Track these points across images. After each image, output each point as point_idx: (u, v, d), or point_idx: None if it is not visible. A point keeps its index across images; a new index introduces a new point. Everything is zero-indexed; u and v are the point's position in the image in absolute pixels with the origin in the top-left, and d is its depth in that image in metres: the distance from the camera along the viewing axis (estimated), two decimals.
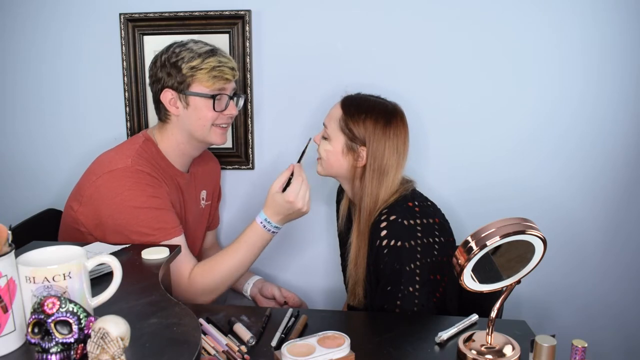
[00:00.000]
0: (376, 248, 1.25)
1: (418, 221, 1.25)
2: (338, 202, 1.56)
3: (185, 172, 1.47)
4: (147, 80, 1.40)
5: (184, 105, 1.34)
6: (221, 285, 1.33)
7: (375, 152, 1.29)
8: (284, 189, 1.32)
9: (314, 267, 1.80)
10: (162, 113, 1.38)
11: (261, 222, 1.34)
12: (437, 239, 1.27)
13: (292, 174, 1.33)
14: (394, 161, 1.30)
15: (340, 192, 1.54)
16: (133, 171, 1.28)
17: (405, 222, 1.24)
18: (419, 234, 1.24)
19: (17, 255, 0.74)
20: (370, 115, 1.30)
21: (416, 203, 1.30)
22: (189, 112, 1.35)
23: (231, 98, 1.39)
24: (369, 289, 1.32)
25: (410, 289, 1.22)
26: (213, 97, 1.34)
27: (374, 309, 1.31)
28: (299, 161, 1.37)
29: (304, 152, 1.39)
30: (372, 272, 1.29)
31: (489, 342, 1.01)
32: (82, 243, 1.19)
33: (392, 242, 1.22)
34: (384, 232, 1.24)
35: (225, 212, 1.80)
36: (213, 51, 1.34)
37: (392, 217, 1.24)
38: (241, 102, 1.47)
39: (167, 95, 1.34)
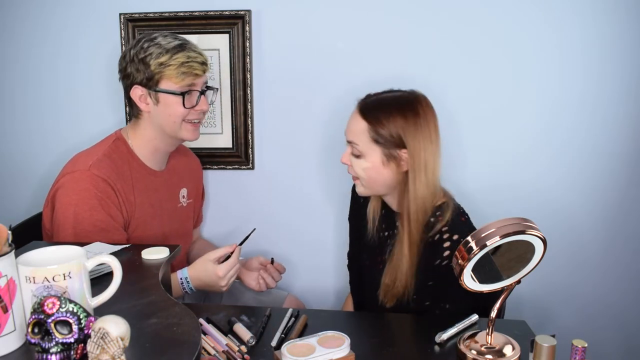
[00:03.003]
0: (433, 266, 1.20)
1: None
2: (355, 204, 1.47)
3: (159, 170, 1.46)
4: (117, 76, 1.38)
5: (154, 101, 1.33)
6: None
7: (414, 150, 1.18)
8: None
9: (314, 267, 1.80)
10: (134, 109, 1.37)
11: (180, 279, 1.34)
12: None
13: (231, 253, 1.33)
14: (432, 152, 1.20)
15: (360, 196, 1.40)
16: (89, 175, 1.27)
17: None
18: None
19: (17, 255, 0.74)
20: (397, 113, 1.19)
21: (466, 217, 1.25)
22: (159, 108, 1.33)
23: (202, 93, 1.37)
24: (413, 298, 1.25)
25: (449, 305, 1.21)
26: (183, 94, 1.32)
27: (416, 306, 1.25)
28: (240, 244, 1.36)
29: (247, 238, 1.40)
30: (418, 286, 1.23)
31: (489, 342, 1.01)
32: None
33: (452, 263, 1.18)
34: (447, 253, 1.18)
35: (225, 213, 1.80)
36: (182, 46, 1.31)
37: (455, 237, 1.18)
38: (214, 97, 1.44)
39: (137, 92, 1.32)
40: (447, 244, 1.19)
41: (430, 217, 1.22)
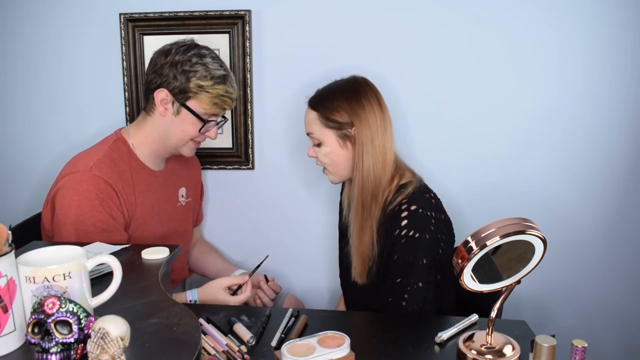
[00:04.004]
0: (394, 237, 1.24)
1: (434, 214, 1.26)
2: (341, 200, 1.54)
3: (158, 170, 1.46)
4: (146, 65, 1.37)
5: (174, 111, 1.34)
6: None
7: (359, 125, 1.27)
8: (233, 292, 1.37)
9: (315, 267, 1.80)
10: (149, 105, 1.37)
11: (190, 301, 1.37)
12: (443, 237, 1.27)
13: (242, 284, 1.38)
14: (378, 125, 1.28)
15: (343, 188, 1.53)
16: (90, 176, 1.27)
17: (427, 212, 1.24)
18: (432, 227, 1.24)
19: (17, 255, 0.74)
20: (340, 96, 1.30)
21: (432, 195, 1.31)
22: (175, 119, 1.35)
23: (217, 123, 1.40)
24: (381, 273, 1.30)
25: (420, 284, 1.22)
26: (205, 121, 1.35)
27: (376, 303, 1.29)
28: (251, 274, 1.41)
29: (258, 266, 1.44)
30: (383, 261, 1.28)
31: (489, 342, 1.01)
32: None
33: (411, 233, 1.22)
34: (404, 222, 1.23)
35: (224, 212, 1.80)
36: (225, 78, 1.34)
37: (413, 207, 1.24)
38: (222, 125, 1.48)
39: (162, 94, 1.33)
40: (404, 214, 1.24)
41: (394, 195, 1.28)
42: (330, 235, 1.77)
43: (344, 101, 1.29)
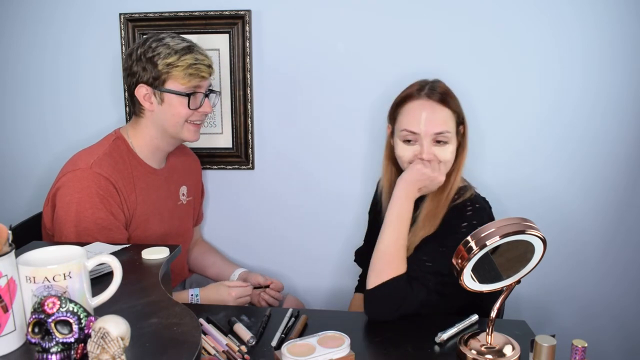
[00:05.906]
0: (453, 227, 1.22)
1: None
2: (374, 200, 1.52)
3: (159, 168, 1.46)
4: (122, 74, 1.39)
5: (159, 101, 1.34)
6: None
7: (466, 125, 1.29)
8: None
9: (316, 267, 1.80)
10: (137, 107, 1.38)
11: (191, 295, 1.39)
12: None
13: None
14: None
15: (377, 193, 1.50)
16: (90, 173, 1.28)
17: (488, 214, 1.27)
18: None
19: (17, 255, 0.74)
20: (454, 94, 1.28)
21: (489, 205, 1.32)
22: (163, 108, 1.34)
23: (206, 95, 1.39)
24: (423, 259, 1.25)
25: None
26: (188, 95, 1.34)
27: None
28: (255, 288, 1.50)
29: (258, 287, 1.53)
30: (432, 250, 1.23)
31: (489, 342, 1.01)
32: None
33: (475, 222, 1.20)
34: (469, 213, 1.23)
35: (225, 212, 1.80)
36: (190, 48, 1.33)
37: (478, 205, 1.25)
38: (216, 100, 1.47)
39: (142, 91, 1.33)
40: (469, 208, 1.24)
41: (455, 194, 1.28)
42: (330, 234, 1.77)
43: (457, 98, 1.27)
